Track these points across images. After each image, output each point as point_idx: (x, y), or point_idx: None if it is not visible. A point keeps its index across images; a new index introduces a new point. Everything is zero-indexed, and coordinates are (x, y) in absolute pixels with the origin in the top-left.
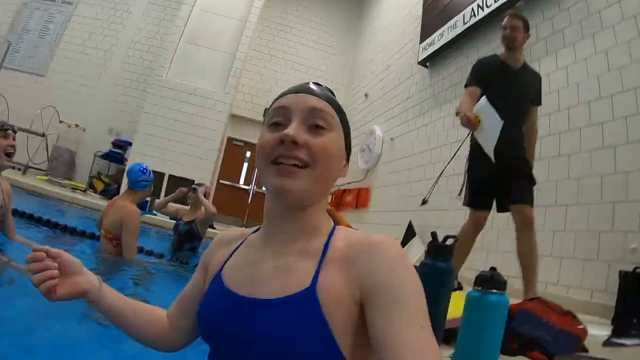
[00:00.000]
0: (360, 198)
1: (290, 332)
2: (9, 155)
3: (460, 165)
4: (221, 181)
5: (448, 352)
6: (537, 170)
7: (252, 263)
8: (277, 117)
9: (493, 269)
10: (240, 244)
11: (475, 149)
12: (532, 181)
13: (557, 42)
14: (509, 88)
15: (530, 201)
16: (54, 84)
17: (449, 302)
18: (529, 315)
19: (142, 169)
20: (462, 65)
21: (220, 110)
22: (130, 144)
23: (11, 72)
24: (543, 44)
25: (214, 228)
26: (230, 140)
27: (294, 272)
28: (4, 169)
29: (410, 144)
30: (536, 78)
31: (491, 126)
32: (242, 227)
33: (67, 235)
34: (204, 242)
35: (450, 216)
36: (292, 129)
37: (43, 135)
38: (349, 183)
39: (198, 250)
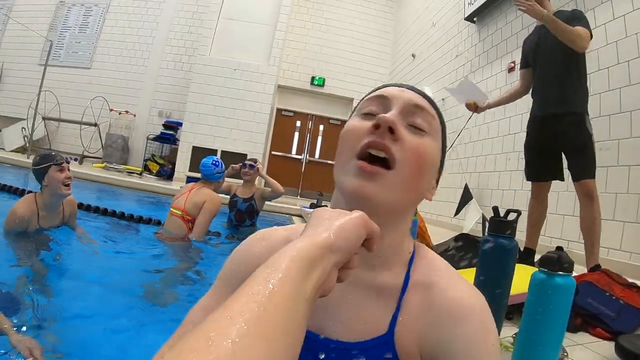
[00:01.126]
0: None
1: None
2: (67, 185)
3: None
4: (273, 152)
5: (511, 330)
6: (598, 129)
7: None
8: (372, 106)
9: (559, 248)
10: None
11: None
12: (587, 152)
13: None
14: (536, 48)
15: (587, 175)
16: (100, 75)
17: (511, 280)
18: (592, 288)
19: (214, 162)
20: (512, 19)
21: (267, 83)
22: (180, 124)
23: (57, 69)
24: None
25: (270, 201)
26: (279, 111)
27: (367, 313)
28: (64, 197)
29: (458, 105)
30: (565, 18)
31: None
32: (297, 196)
33: (126, 222)
34: (261, 215)
35: (505, 178)
36: (391, 114)
37: (95, 125)
38: None
39: (257, 225)
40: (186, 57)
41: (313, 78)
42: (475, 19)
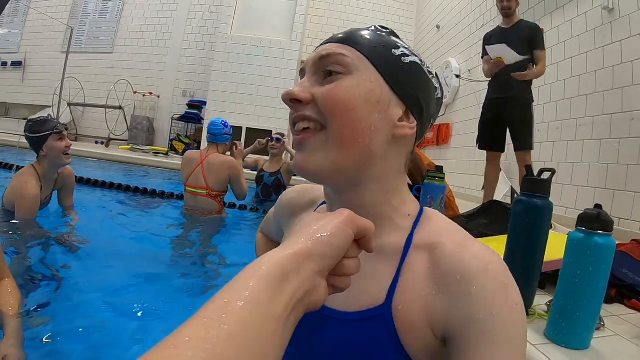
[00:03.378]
0: (440, 134)
1: (360, 352)
2: (67, 154)
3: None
4: None
5: (543, 298)
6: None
7: None
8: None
9: (598, 206)
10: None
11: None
12: (529, 126)
13: None
14: (506, 43)
15: (527, 147)
16: (122, 59)
17: (546, 244)
18: (627, 258)
19: (223, 122)
20: None
21: (289, 59)
22: (204, 103)
23: (80, 55)
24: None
25: (296, 175)
26: None
27: (366, 281)
28: (64, 166)
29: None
30: (528, 29)
31: (509, 54)
32: None
33: (150, 197)
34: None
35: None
36: (297, 85)
37: (120, 108)
38: None
39: None
40: (207, 36)
41: None
42: None
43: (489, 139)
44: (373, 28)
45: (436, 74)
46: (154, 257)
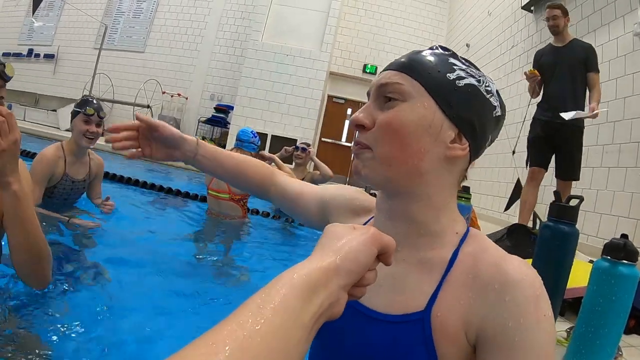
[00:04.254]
0: None
1: (394, 354)
2: (89, 138)
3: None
4: (323, 139)
5: (563, 325)
6: None
7: None
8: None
9: (624, 236)
10: (365, 223)
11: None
12: (579, 155)
13: None
14: (556, 62)
15: (575, 177)
16: (153, 59)
17: (570, 270)
18: None
19: (253, 132)
20: (571, 8)
21: (319, 69)
22: (231, 107)
23: (112, 52)
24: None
25: (319, 184)
26: (330, 98)
27: (410, 288)
28: (84, 148)
29: (518, 96)
30: (583, 49)
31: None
32: (345, 184)
33: (175, 197)
34: None
35: None
36: (361, 110)
37: (148, 106)
38: None
39: None
40: (238, 42)
41: (365, 66)
42: (532, 8)
43: (536, 154)
44: (435, 49)
45: (497, 91)
46: (172, 258)
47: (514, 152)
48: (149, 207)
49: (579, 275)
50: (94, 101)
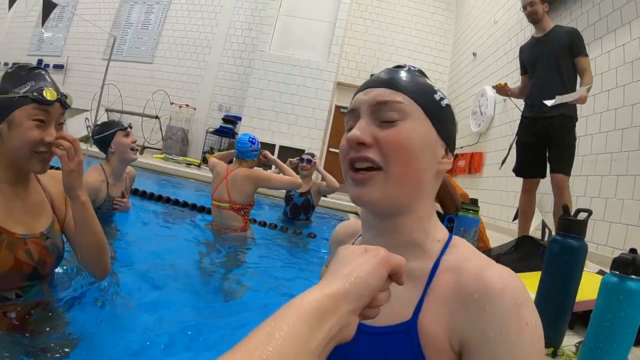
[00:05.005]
0: (473, 163)
1: None
2: (134, 150)
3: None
4: (331, 149)
5: (572, 339)
6: None
7: None
8: (350, 121)
9: (633, 251)
10: (352, 243)
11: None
12: (572, 149)
13: None
14: (537, 54)
15: (566, 171)
16: (161, 69)
17: (578, 284)
18: None
19: (250, 138)
20: (577, 16)
21: (326, 79)
22: (239, 118)
23: (120, 64)
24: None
25: (326, 196)
26: (338, 108)
27: (396, 298)
28: (132, 161)
29: (523, 104)
30: (566, 34)
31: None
32: None
33: (181, 209)
34: (317, 212)
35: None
36: (358, 128)
37: (156, 117)
38: (462, 147)
39: (311, 219)
40: (246, 53)
41: (372, 76)
42: None
43: (527, 164)
44: (410, 69)
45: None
46: (174, 274)
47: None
48: (153, 219)
49: (588, 288)
50: (114, 119)
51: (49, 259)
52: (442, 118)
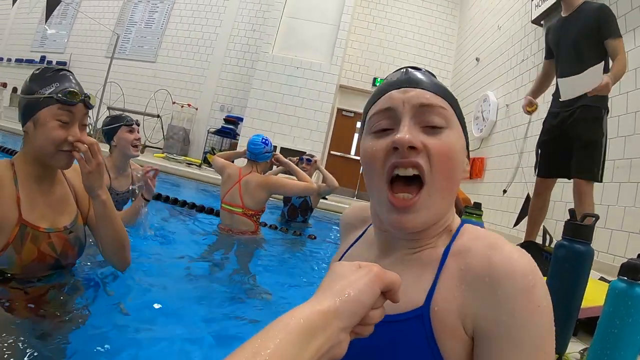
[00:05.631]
0: (474, 168)
1: (397, 354)
2: (135, 146)
3: None
4: (332, 152)
5: (576, 346)
6: None
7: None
8: (382, 121)
9: None
10: (362, 233)
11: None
12: (594, 151)
13: None
14: (559, 37)
15: (583, 174)
16: (164, 69)
17: (584, 290)
18: None
19: (263, 140)
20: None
21: (328, 82)
22: (241, 119)
23: (123, 62)
24: None
25: (326, 198)
26: (340, 111)
27: (408, 286)
28: (132, 157)
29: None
30: (592, 12)
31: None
32: (354, 197)
33: (188, 210)
34: (315, 215)
35: (568, 190)
36: (406, 131)
37: (158, 116)
38: None
39: (309, 222)
40: (249, 54)
41: (375, 79)
42: (542, 22)
43: (545, 163)
44: (429, 73)
45: None
46: (182, 276)
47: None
48: (159, 221)
49: (592, 294)
50: (122, 113)
51: (71, 251)
52: (465, 126)
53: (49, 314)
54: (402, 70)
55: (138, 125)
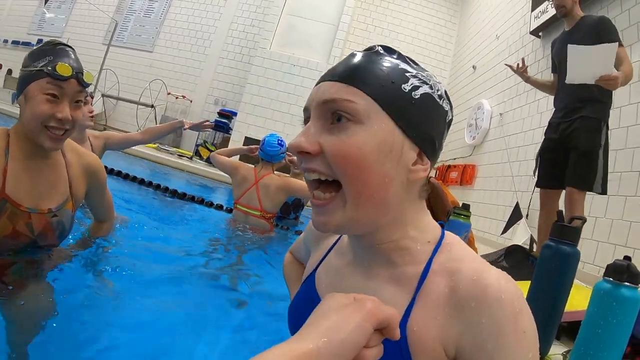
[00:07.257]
0: (465, 175)
1: None
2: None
3: None
4: None
5: (558, 348)
6: None
7: (339, 275)
8: (305, 122)
9: (628, 258)
10: (337, 241)
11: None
12: (589, 161)
13: None
14: (561, 50)
15: (576, 183)
16: (160, 59)
17: (569, 292)
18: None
19: (279, 141)
20: (616, 14)
21: None
22: (235, 114)
23: (120, 50)
24: None
25: None
26: None
27: (384, 303)
28: (86, 128)
29: (521, 120)
30: (592, 25)
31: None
32: None
33: (177, 199)
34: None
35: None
36: (299, 135)
37: (152, 106)
38: (455, 159)
39: (301, 219)
40: (247, 49)
41: None
42: (540, 33)
43: (543, 173)
44: (378, 52)
45: (445, 92)
46: (188, 271)
47: None
48: (163, 213)
49: (576, 299)
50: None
51: (50, 234)
52: (412, 116)
53: (16, 291)
54: (344, 58)
55: (92, 97)
